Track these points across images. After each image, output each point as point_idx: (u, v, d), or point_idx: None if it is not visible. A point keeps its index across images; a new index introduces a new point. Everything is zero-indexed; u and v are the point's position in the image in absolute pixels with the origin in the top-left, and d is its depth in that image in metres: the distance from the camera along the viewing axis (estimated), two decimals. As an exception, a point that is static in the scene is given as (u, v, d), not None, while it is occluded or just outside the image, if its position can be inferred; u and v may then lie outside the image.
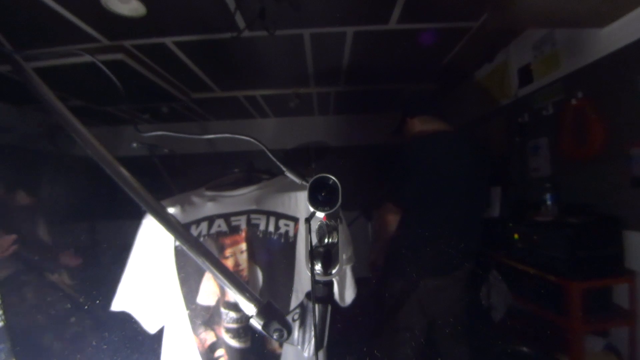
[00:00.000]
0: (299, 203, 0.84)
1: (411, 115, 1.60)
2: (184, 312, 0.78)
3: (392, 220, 1.48)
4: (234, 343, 0.76)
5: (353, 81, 2.78)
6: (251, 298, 0.50)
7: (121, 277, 0.82)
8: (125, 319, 0.81)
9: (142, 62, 2.11)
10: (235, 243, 0.79)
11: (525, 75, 2.16)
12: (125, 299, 0.81)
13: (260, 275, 0.80)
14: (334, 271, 0.54)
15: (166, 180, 1.72)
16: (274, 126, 3.89)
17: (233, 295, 0.50)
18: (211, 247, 0.78)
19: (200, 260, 0.50)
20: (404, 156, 1.51)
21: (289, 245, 0.81)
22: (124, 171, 0.51)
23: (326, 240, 0.56)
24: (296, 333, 0.55)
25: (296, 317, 0.55)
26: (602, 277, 1.52)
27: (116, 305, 0.81)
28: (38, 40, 1.78)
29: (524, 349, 1.76)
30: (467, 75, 2.78)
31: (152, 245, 0.81)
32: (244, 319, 0.75)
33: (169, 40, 1.90)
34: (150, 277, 0.81)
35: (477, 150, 1.57)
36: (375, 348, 1.54)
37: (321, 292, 0.55)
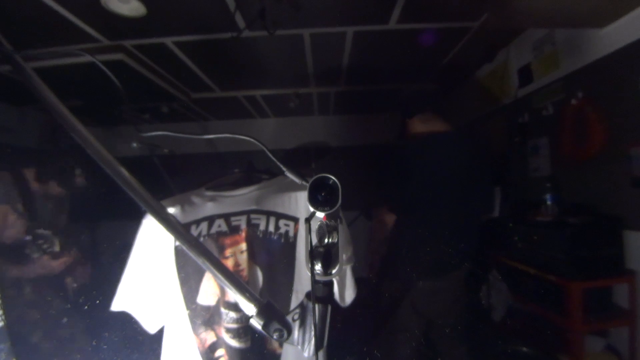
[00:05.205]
0: (299, 203, 0.84)
1: (409, 115, 1.60)
2: (184, 312, 0.78)
3: (389, 221, 1.49)
4: (234, 343, 0.76)
5: (353, 81, 2.77)
6: (251, 298, 0.50)
7: (121, 277, 0.82)
8: (125, 319, 0.81)
9: (142, 62, 2.11)
10: (235, 243, 0.79)
11: (525, 75, 2.16)
12: (125, 299, 0.81)
13: (260, 275, 0.80)
14: (334, 271, 0.54)
15: (166, 180, 1.72)
16: (274, 126, 3.88)
17: (233, 295, 0.50)
18: (211, 247, 0.78)
19: (200, 260, 0.50)
20: (402, 158, 1.51)
21: (289, 245, 0.81)
22: (124, 171, 0.51)
23: (326, 240, 0.56)
24: (296, 333, 0.55)
25: (296, 317, 0.55)
26: (602, 277, 1.52)
27: (116, 305, 0.81)
28: (38, 40, 1.78)
29: (524, 349, 1.76)
30: (467, 75, 2.78)
31: (152, 245, 0.81)
32: (244, 319, 0.75)
33: (169, 40, 1.90)
34: (150, 277, 0.81)
35: (475, 149, 1.56)
36: (375, 348, 1.55)
37: (321, 292, 0.55)
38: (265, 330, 0.49)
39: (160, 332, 0.83)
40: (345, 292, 0.89)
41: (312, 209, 0.52)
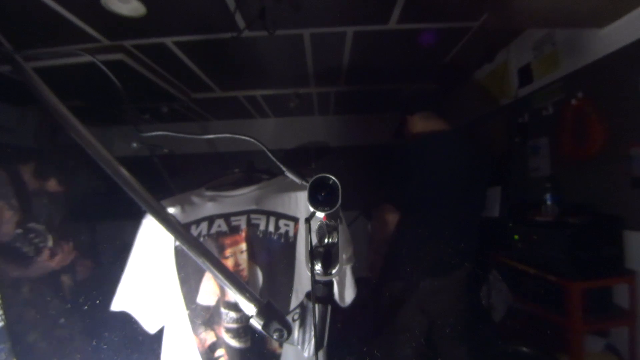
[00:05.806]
0: (299, 203, 0.84)
1: (411, 112, 1.60)
2: (184, 312, 0.78)
3: (391, 221, 1.49)
4: (234, 343, 0.76)
5: (353, 81, 2.77)
6: (251, 298, 0.50)
7: (121, 277, 0.82)
8: (125, 319, 0.81)
9: (142, 62, 2.11)
10: (235, 243, 0.79)
11: (525, 75, 2.16)
12: (125, 299, 0.81)
13: (260, 275, 0.80)
14: (334, 271, 0.54)
15: (166, 180, 1.72)
16: (274, 126, 3.88)
17: (233, 295, 0.50)
18: (211, 247, 0.78)
19: (200, 260, 0.50)
20: (402, 157, 1.51)
21: (289, 245, 0.81)
22: (124, 171, 0.51)
23: (326, 240, 0.56)
24: (296, 333, 0.55)
25: (296, 317, 0.55)
26: (602, 277, 1.52)
27: (116, 305, 0.81)
28: (38, 40, 1.78)
29: (524, 349, 1.76)
30: (467, 75, 2.78)
31: (152, 245, 0.81)
32: (244, 319, 0.75)
33: (169, 40, 1.90)
34: (150, 277, 0.81)
35: (475, 149, 1.56)
36: (375, 348, 1.54)
37: (321, 292, 0.55)
38: (265, 330, 0.49)
39: (160, 332, 0.83)
40: (345, 292, 0.89)
41: (312, 209, 0.52)
